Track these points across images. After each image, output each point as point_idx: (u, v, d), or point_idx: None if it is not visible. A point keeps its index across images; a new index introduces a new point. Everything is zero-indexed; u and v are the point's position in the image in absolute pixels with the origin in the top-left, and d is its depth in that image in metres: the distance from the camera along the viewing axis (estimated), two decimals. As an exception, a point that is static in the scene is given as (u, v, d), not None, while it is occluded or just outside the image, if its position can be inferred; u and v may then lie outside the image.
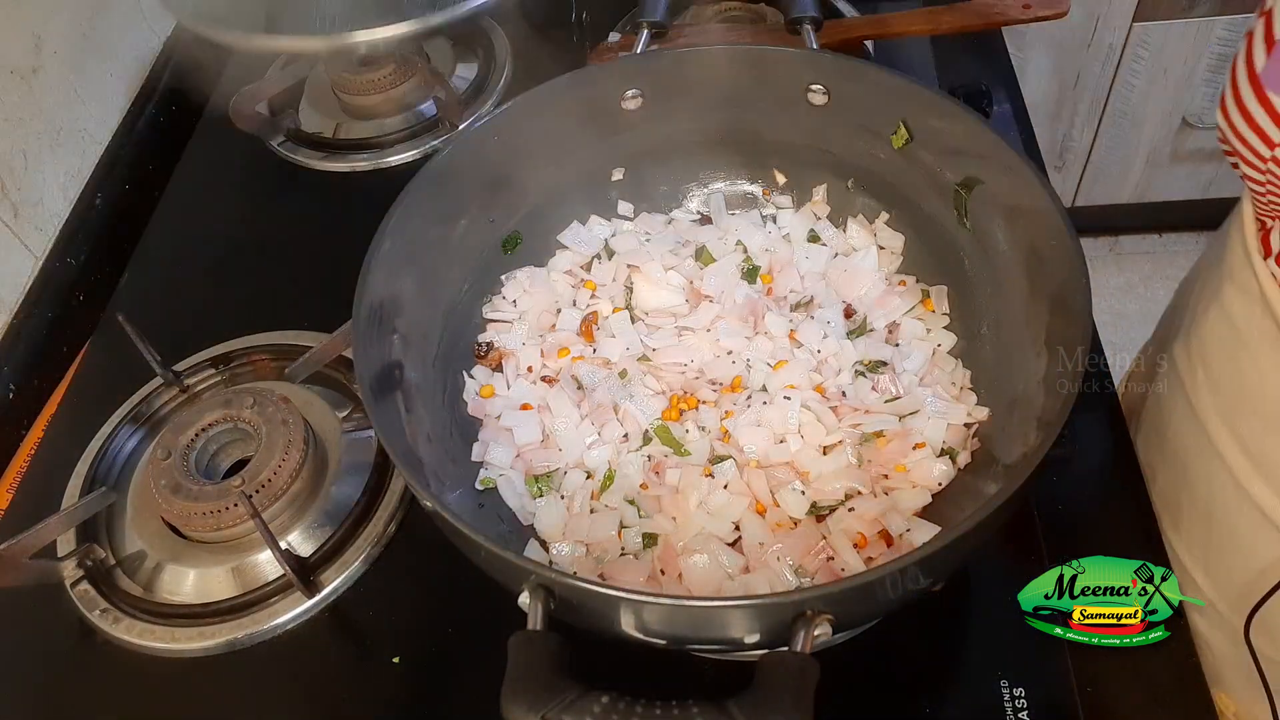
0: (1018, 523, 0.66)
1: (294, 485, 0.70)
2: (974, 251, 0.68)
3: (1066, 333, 0.56)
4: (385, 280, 0.63)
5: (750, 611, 0.46)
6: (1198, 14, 1.61)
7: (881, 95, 0.69)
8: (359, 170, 1.00)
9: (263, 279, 0.93)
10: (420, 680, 0.65)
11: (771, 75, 0.72)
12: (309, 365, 0.71)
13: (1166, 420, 0.70)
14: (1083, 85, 1.75)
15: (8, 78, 0.89)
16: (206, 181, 1.04)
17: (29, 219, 0.91)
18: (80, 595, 0.69)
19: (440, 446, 0.65)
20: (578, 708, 0.41)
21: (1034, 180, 0.60)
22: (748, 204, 0.80)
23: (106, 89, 1.03)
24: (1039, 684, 0.60)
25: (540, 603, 0.46)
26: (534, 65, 1.01)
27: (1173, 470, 0.68)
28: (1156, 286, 2.06)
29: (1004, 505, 0.47)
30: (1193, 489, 0.66)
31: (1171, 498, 0.68)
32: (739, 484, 0.64)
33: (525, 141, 0.72)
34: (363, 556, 0.69)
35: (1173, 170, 1.88)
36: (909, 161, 0.70)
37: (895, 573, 0.45)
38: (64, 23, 0.96)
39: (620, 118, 0.75)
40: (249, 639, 0.67)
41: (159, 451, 0.71)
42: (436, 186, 0.67)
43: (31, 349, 0.88)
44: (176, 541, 0.71)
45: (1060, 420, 0.50)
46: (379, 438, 0.55)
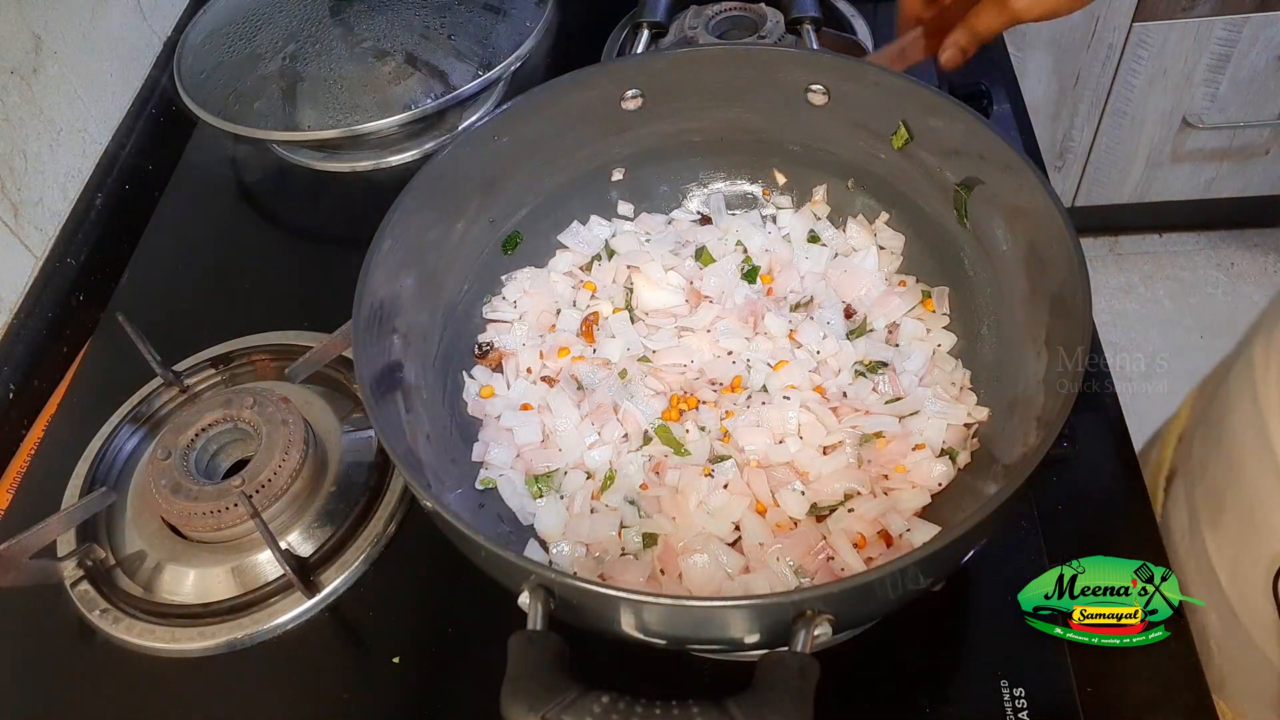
0: (1018, 523, 0.66)
1: (294, 485, 0.70)
2: (974, 251, 0.68)
3: (1066, 333, 0.56)
4: (385, 280, 0.63)
5: (750, 611, 0.46)
6: (1198, 14, 1.61)
7: (881, 95, 0.69)
8: (359, 170, 1.00)
9: (263, 279, 0.93)
10: (420, 680, 0.65)
11: (771, 75, 0.72)
12: (309, 365, 0.71)
13: (1228, 415, 0.70)
14: (1083, 85, 1.75)
15: (8, 78, 0.89)
16: (206, 181, 1.04)
17: (29, 219, 0.91)
18: (80, 595, 0.69)
19: (440, 446, 0.65)
20: (578, 708, 0.41)
21: (1034, 180, 0.60)
22: (748, 204, 0.80)
23: (106, 89, 1.03)
24: (1039, 684, 0.60)
25: (540, 603, 0.46)
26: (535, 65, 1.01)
27: (1223, 465, 0.69)
28: (1156, 286, 2.06)
29: (1004, 505, 0.47)
30: (1240, 486, 0.66)
31: (1216, 494, 0.68)
32: (739, 484, 0.64)
33: (525, 141, 0.72)
34: (363, 556, 0.69)
35: (1173, 170, 1.88)
36: (909, 161, 0.70)
37: (895, 573, 0.45)
38: (64, 23, 0.96)
39: (620, 118, 0.75)
40: (249, 639, 0.67)
41: (159, 451, 0.71)
42: (436, 186, 0.67)
43: (31, 349, 0.88)
44: (176, 541, 0.71)
45: (1060, 420, 0.50)
46: (379, 438, 0.55)
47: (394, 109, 0.93)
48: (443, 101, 0.92)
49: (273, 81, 0.96)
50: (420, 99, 0.94)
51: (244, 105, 0.95)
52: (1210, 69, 1.69)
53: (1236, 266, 2.09)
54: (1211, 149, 1.84)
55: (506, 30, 0.98)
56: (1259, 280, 2.06)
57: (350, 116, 0.93)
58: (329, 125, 0.93)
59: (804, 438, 0.65)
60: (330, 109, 0.94)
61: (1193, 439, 0.73)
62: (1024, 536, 0.66)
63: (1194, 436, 0.73)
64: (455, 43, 0.97)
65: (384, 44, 0.97)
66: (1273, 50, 1.66)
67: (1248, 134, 1.81)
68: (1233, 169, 1.88)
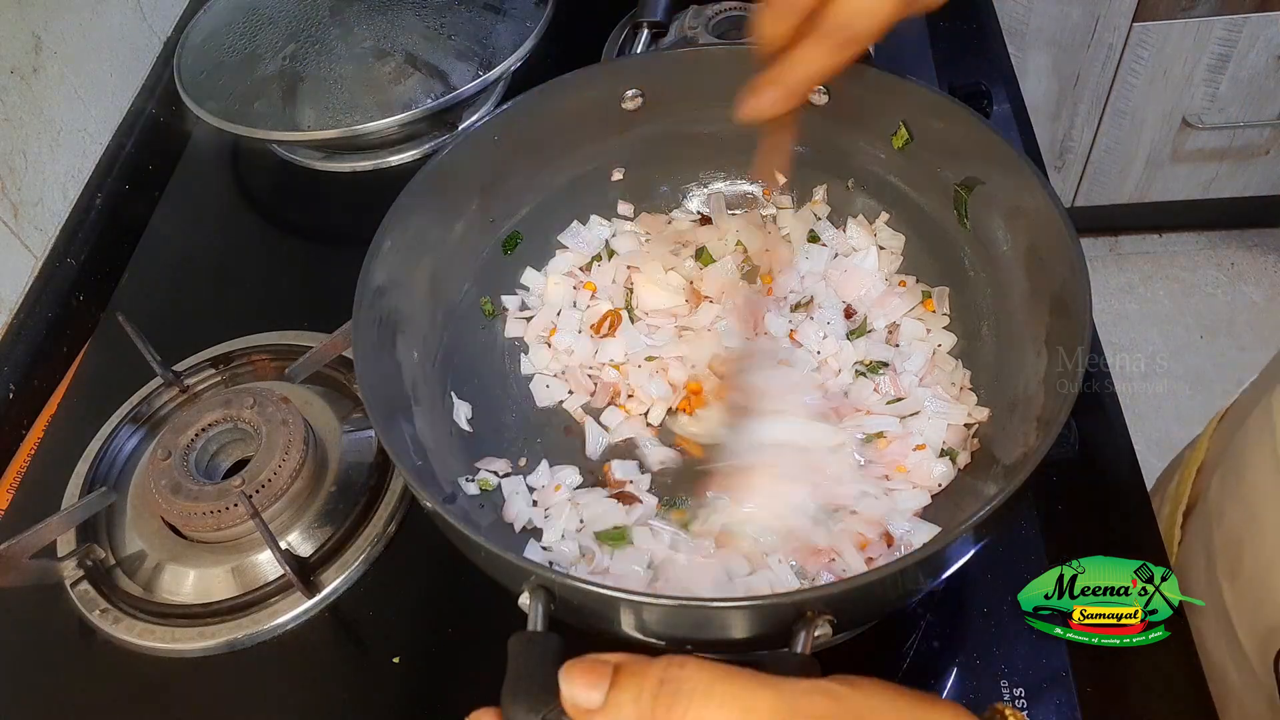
0: (1018, 523, 0.66)
1: (294, 485, 0.70)
2: (974, 251, 0.68)
3: (1066, 333, 0.56)
4: (385, 280, 0.63)
5: (750, 612, 0.46)
6: (1198, 14, 1.61)
7: (881, 95, 0.69)
8: (359, 170, 1.00)
9: (263, 279, 0.93)
10: (420, 680, 0.65)
11: (771, 75, 0.72)
12: (309, 365, 0.71)
13: (1248, 463, 0.68)
14: (1083, 85, 1.75)
15: (8, 78, 0.89)
16: (207, 181, 1.04)
17: (29, 219, 0.91)
18: (80, 595, 0.69)
19: (440, 446, 0.65)
20: (578, 708, 0.41)
21: (1034, 180, 0.60)
22: (748, 204, 0.80)
23: (106, 89, 1.03)
24: (1039, 684, 0.60)
25: (540, 603, 0.46)
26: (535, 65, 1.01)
27: (1243, 514, 0.67)
28: (1156, 286, 2.06)
29: (1004, 505, 0.47)
30: (1260, 537, 0.64)
31: (1234, 542, 0.66)
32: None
33: (525, 141, 0.72)
34: (363, 556, 0.69)
35: (1173, 170, 1.89)
36: (909, 161, 0.70)
37: (895, 573, 0.45)
38: (64, 23, 0.96)
39: (620, 118, 0.75)
40: (249, 639, 0.67)
41: (159, 451, 0.71)
42: (436, 186, 0.67)
43: (31, 349, 0.88)
44: (176, 541, 0.71)
45: (1060, 420, 0.50)
46: (379, 438, 0.55)
47: (394, 109, 0.93)
48: (443, 101, 0.92)
49: (273, 81, 0.96)
50: (420, 99, 0.94)
51: (244, 105, 0.95)
52: (1210, 69, 1.69)
53: (1236, 266, 2.09)
54: (1211, 149, 1.84)
55: (506, 30, 0.98)
56: (1259, 280, 2.06)
57: (350, 116, 0.93)
58: (329, 125, 0.93)
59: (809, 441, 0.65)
60: (330, 109, 0.94)
61: (1211, 476, 0.72)
62: (1024, 536, 0.66)
63: (1213, 474, 0.71)
64: (455, 43, 0.97)
65: (384, 44, 0.97)
66: (1273, 50, 1.66)
67: (1248, 134, 1.81)
68: (1233, 169, 1.88)
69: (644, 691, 0.36)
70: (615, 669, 0.37)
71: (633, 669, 0.37)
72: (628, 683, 0.37)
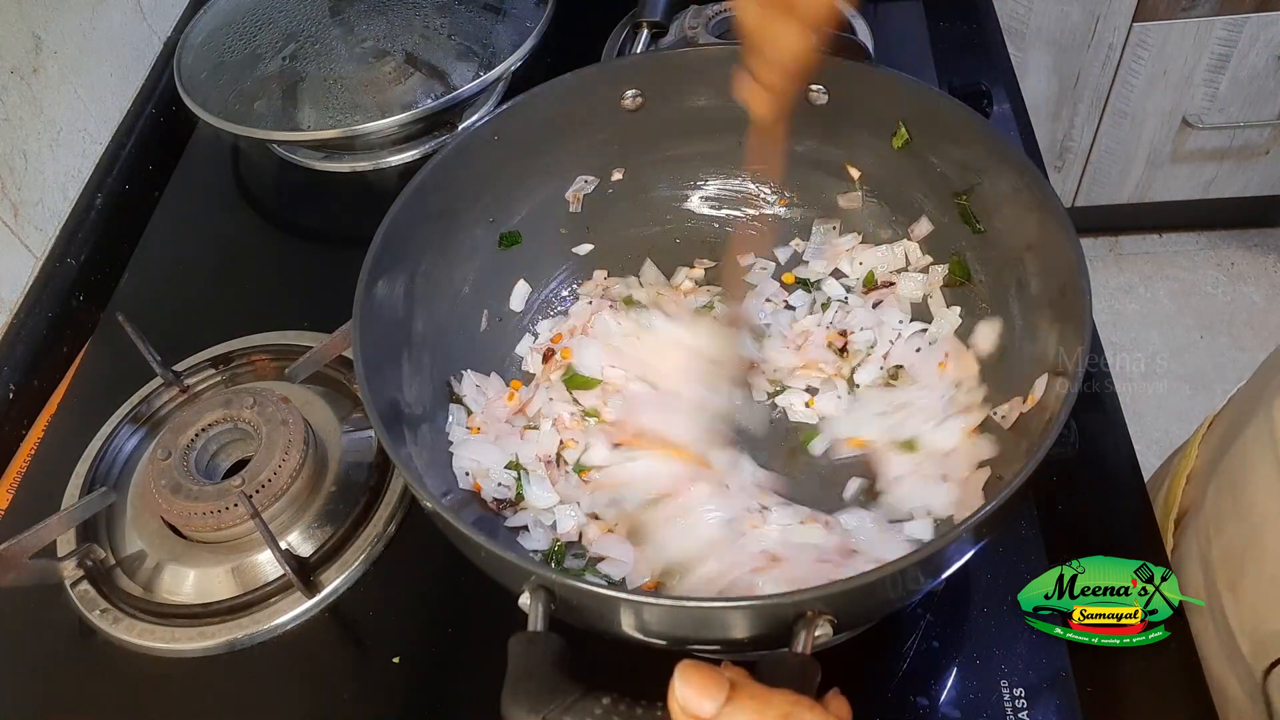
0: (1018, 523, 0.66)
1: (294, 485, 0.70)
2: (974, 251, 0.68)
3: (1066, 333, 0.56)
4: (385, 281, 0.63)
5: (750, 612, 0.46)
6: (1198, 14, 1.61)
7: (881, 95, 0.69)
8: (359, 170, 1.00)
9: (263, 279, 0.93)
10: (420, 680, 0.65)
11: (771, 75, 0.72)
12: (309, 365, 0.71)
13: (1248, 475, 0.67)
14: (1083, 85, 1.75)
15: (8, 78, 0.89)
16: (207, 181, 1.04)
17: (29, 219, 0.91)
18: (80, 595, 0.69)
19: (440, 446, 0.65)
20: (579, 709, 0.41)
21: (1034, 180, 0.60)
22: (748, 203, 0.80)
23: (106, 89, 1.03)
24: (1039, 684, 0.59)
25: (541, 603, 0.46)
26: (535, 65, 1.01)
27: (1243, 527, 0.66)
28: (1156, 286, 2.06)
29: (1003, 507, 0.47)
30: (1261, 550, 0.64)
31: (1236, 555, 0.66)
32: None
33: (526, 141, 0.72)
34: (363, 556, 0.69)
35: (1173, 170, 1.89)
36: (909, 161, 0.70)
37: (895, 573, 0.45)
38: (64, 23, 0.96)
39: (620, 118, 0.75)
40: (249, 639, 0.67)
41: (159, 451, 0.71)
42: (436, 186, 0.67)
43: (31, 349, 0.88)
44: (176, 541, 0.71)
45: (1060, 420, 0.50)
46: (379, 438, 0.55)
47: (394, 109, 0.93)
48: (443, 101, 0.92)
49: (273, 81, 0.96)
50: (420, 99, 0.94)
51: (244, 105, 0.95)
52: (1210, 69, 1.69)
53: (1236, 266, 2.09)
54: (1211, 149, 1.84)
55: (506, 30, 0.98)
56: (1259, 280, 2.06)
57: (350, 116, 0.93)
58: (329, 125, 0.93)
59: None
60: (330, 109, 0.94)
61: (1205, 484, 0.71)
62: (1024, 536, 0.66)
63: (1207, 483, 0.71)
64: (455, 43, 0.97)
65: (384, 44, 0.97)
66: (1273, 50, 1.66)
67: (1248, 134, 1.81)
68: (1233, 169, 1.88)
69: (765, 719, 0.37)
70: (731, 685, 0.38)
71: (752, 691, 0.38)
72: (747, 704, 0.37)
